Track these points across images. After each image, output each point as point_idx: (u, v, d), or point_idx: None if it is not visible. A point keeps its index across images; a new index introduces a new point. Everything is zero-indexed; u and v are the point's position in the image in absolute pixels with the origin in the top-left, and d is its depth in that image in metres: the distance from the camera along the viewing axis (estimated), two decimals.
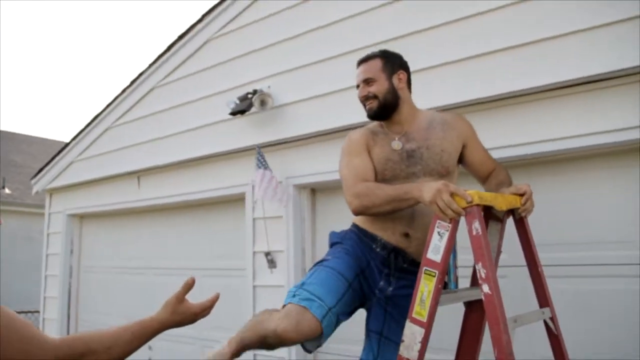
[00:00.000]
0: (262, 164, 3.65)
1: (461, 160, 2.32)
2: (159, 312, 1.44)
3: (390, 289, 2.20)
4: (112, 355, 1.34)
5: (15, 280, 12.51)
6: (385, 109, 2.23)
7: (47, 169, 6.12)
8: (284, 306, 2.04)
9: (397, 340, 1.98)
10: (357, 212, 2.13)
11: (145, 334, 1.40)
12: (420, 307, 1.87)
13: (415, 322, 1.88)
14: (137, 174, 5.05)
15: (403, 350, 1.89)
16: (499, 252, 2.12)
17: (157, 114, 4.82)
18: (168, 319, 1.44)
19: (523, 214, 2.05)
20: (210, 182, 4.37)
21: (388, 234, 2.18)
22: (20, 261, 12.63)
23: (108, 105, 5.33)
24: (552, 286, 2.20)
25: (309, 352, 2.14)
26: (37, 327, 6.27)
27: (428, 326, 1.86)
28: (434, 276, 1.85)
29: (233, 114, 3.89)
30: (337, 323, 2.08)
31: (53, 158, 6.06)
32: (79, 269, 5.97)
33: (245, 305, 4.00)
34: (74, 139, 5.76)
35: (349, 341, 2.33)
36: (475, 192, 1.81)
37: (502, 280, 2.38)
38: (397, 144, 2.19)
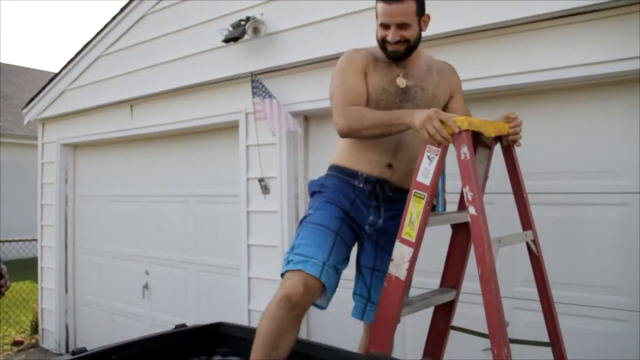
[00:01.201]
0: (263, 91, 3.66)
1: (444, 109, 2.31)
2: None
3: (381, 221, 2.23)
4: None
5: (9, 210, 12.63)
6: (409, 52, 2.15)
7: (38, 98, 6.08)
8: (282, 275, 2.05)
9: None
10: (343, 134, 2.10)
11: None
12: (409, 227, 1.96)
13: (405, 242, 1.97)
14: (130, 103, 5.04)
15: (392, 269, 1.99)
16: (485, 177, 2.20)
17: (149, 41, 4.75)
18: None
19: (512, 141, 2.12)
20: (204, 109, 4.38)
21: (372, 167, 2.18)
22: (13, 192, 12.71)
23: (99, 33, 5.24)
24: (537, 213, 2.30)
25: (324, 308, 2.14)
26: (36, 254, 6.36)
27: (416, 246, 1.95)
28: (423, 198, 1.93)
29: (226, 41, 3.86)
30: (338, 273, 2.10)
31: (44, 87, 6.00)
32: (74, 197, 6.04)
33: (239, 230, 4.11)
34: (65, 67, 5.68)
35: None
36: (464, 118, 1.86)
37: (489, 207, 2.46)
38: (401, 81, 2.16)
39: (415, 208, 1.95)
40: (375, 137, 2.08)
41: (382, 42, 2.14)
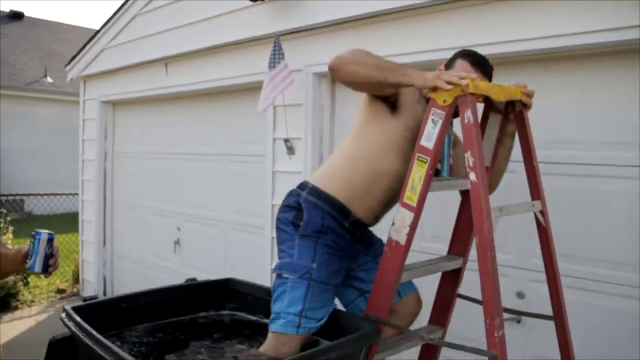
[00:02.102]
0: (278, 57, 3.64)
1: None
2: None
3: (361, 247, 2.21)
4: None
5: (59, 166, 13.14)
6: None
7: (79, 56, 6.22)
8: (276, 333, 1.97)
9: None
10: (336, 64, 1.95)
11: None
12: (411, 192, 1.92)
13: (406, 206, 1.93)
14: (165, 61, 5.09)
15: (393, 233, 1.97)
16: (497, 143, 2.13)
17: (181, 0, 4.77)
18: None
19: (524, 105, 2.03)
20: (234, 69, 4.39)
21: (367, 215, 2.12)
22: (62, 148, 13.19)
23: None
24: (547, 184, 2.23)
25: None
26: (77, 209, 6.62)
27: (418, 211, 1.92)
28: (426, 162, 1.88)
29: (254, 0, 3.84)
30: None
31: (85, 45, 6.13)
32: (113, 153, 6.21)
33: (265, 191, 4.15)
34: (104, 26, 5.78)
35: None
36: (469, 80, 1.79)
37: (511, 175, 2.42)
38: None
39: (417, 172, 1.91)
40: (366, 79, 1.92)
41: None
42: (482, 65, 2.06)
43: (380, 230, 2.27)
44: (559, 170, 2.71)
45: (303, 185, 2.17)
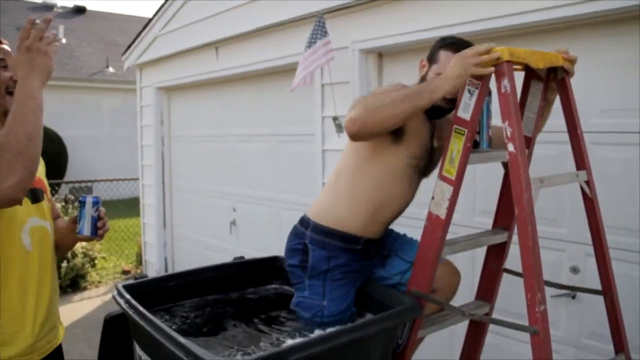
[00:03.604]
0: (318, 35, 3.62)
1: None
2: None
3: (376, 257, 2.21)
4: None
5: (123, 152, 13.62)
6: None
7: (134, 45, 6.39)
8: None
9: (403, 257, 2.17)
10: (355, 123, 1.80)
11: None
12: (449, 165, 1.89)
13: (445, 179, 1.90)
14: (215, 45, 5.16)
15: (433, 207, 1.94)
16: (539, 112, 2.05)
17: None
18: None
19: (566, 72, 1.95)
20: (281, 49, 4.39)
21: (377, 233, 2.13)
22: (126, 134, 13.67)
23: None
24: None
25: None
26: (138, 194, 6.79)
27: (457, 184, 1.88)
28: (464, 134, 1.84)
29: None
30: None
31: (139, 34, 6.29)
32: (170, 138, 6.38)
33: (315, 169, 4.18)
34: (156, 14, 5.92)
35: None
36: (505, 49, 1.73)
37: (564, 146, 2.34)
38: (436, 140, 2.09)
39: (455, 145, 1.87)
40: (397, 117, 1.79)
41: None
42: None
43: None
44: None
45: (305, 222, 2.16)
